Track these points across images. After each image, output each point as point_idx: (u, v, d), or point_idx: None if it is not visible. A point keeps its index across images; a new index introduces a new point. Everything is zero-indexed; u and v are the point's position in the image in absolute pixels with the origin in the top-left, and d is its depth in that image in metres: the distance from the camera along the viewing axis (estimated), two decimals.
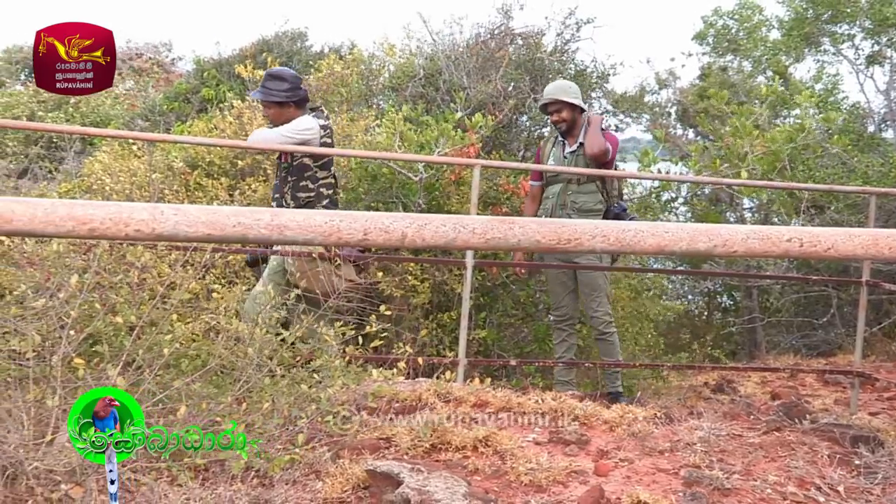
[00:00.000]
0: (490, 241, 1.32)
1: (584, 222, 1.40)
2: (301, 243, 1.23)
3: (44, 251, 4.02)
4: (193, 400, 3.55)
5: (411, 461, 3.29)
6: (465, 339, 5.44)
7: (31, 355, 3.42)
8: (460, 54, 8.46)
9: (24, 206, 1.07)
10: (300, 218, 1.20)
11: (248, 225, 1.17)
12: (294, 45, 11.80)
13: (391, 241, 1.27)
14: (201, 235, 1.16)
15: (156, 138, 7.92)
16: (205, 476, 3.38)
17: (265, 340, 3.84)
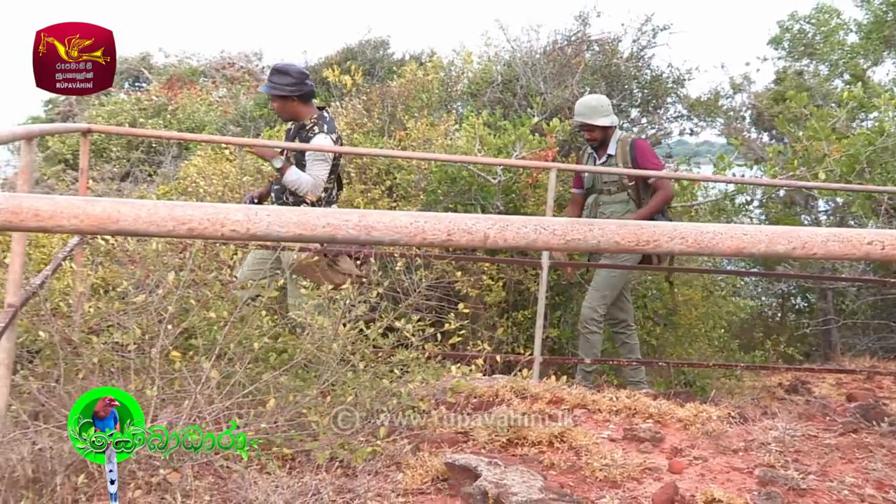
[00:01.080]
0: (570, 243, 1.30)
1: (664, 224, 1.37)
2: (388, 244, 1.23)
3: (144, 250, 4.12)
4: (281, 392, 3.60)
5: (488, 455, 3.28)
6: (540, 337, 5.42)
7: (132, 348, 3.51)
8: (537, 60, 8.42)
9: (129, 207, 1.10)
10: (386, 219, 1.21)
11: (336, 226, 1.18)
12: (377, 53, 11.89)
13: (474, 241, 1.26)
14: (292, 235, 1.17)
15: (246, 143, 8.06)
16: (291, 465, 3.42)
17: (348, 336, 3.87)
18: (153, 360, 3.46)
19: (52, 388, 3.43)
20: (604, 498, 3.07)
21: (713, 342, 7.28)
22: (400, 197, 6.94)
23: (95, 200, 1.10)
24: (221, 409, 3.42)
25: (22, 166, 3.13)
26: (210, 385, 3.40)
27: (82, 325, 3.74)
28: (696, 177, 7.62)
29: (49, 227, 1.09)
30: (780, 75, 12.03)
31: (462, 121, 7.66)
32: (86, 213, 1.09)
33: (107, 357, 3.61)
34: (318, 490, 3.07)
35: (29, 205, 1.07)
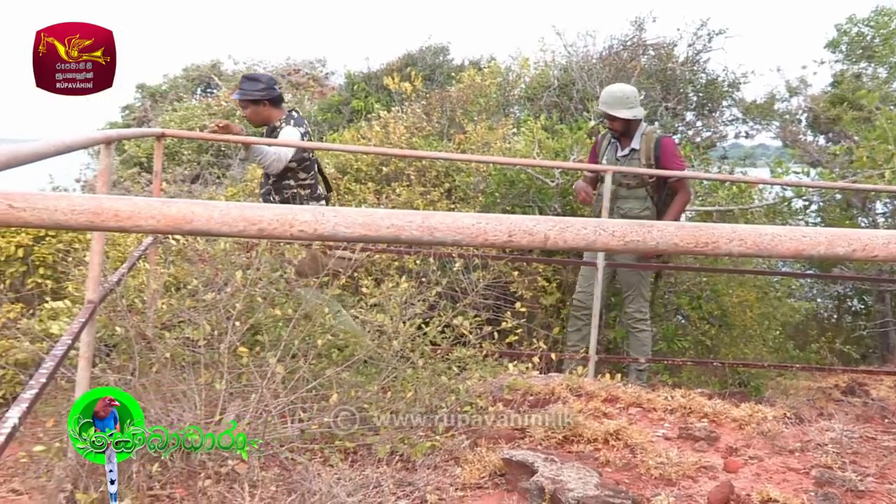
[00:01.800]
0: (629, 244, 1.29)
1: (723, 226, 1.35)
2: (450, 244, 1.23)
3: (213, 249, 4.18)
4: (343, 388, 3.63)
5: (545, 451, 3.26)
6: (595, 336, 5.37)
7: (202, 343, 3.57)
8: (593, 65, 8.35)
9: (202, 207, 1.11)
10: (449, 220, 1.20)
11: (400, 226, 1.18)
12: (436, 59, 11.91)
13: (534, 242, 1.25)
14: (358, 236, 1.18)
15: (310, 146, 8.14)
16: (353, 458, 3.45)
17: (408, 334, 3.88)
18: (222, 356, 3.51)
19: (127, 381, 3.51)
20: (659, 495, 3.04)
21: (768, 343, 7.14)
22: (459, 199, 6.94)
23: (171, 202, 1.12)
24: (286, 403, 3.46)
25: (101, 169, 3.20)
26: (275, 380, 3.44)
27: (156, 321, 3.81)
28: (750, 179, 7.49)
29: (128, 227, 1.12)
30: (838, 78, 11.73)
31: (519, 125, 7.63)
32: (162, 213, 1.11)
33: (178, 352, 3.68)
34: (379, 483, 3.08)
35: (109, 206, 1.10)
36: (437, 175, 7.01)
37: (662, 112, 8.25)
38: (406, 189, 6.82)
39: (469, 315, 4.27)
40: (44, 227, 1.13)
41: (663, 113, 8.25)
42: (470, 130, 7.55)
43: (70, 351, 2.86)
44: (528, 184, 6.65)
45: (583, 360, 5.19)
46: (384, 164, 7.25)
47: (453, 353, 4.08)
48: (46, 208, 1.08)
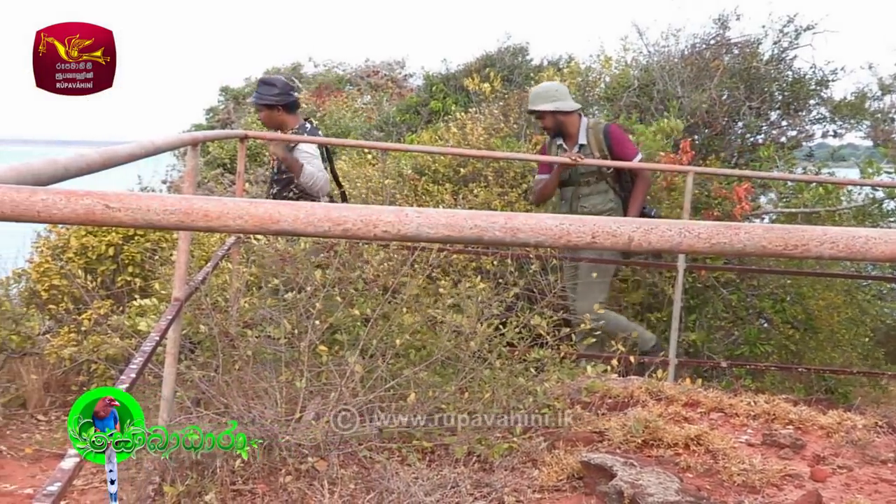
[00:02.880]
0: (715, 246, 1.26)
1: (813, 228, 1.31)
2: (533, 245, 1.22)
3: (293, 249, 4.25)
4: (421, 388, 3.65)
5: (624, 455, 3.22)
6: (675, 339, 5.29)
7: (283, 341, 3.63)
8: (674, 65, 8.21)
9: (288, 208, 1.13)
10: (532, 221, 1.20)
11: (483, 227, 1.18)
12: (515, 60, 11.87)
13: (617, 244, 1.24)
14: (441, 236, 1.18)
15: (389, 147, 8.22)
16: (431, 458, 3.46)
17: (486, 335, 3.88)
18: (302, 354, 3.57)
19: (211, 378, 3.59)
20: (742, 503, 2.97)
21: (857, 348, 6.91)
22: None
23: (258, 202, 1.14)
24: (364, 401, 3.50)
25: (187, 170, 3.28)
26: (354, 379, 3.48)
27: (238, 320, 3.89)
28: (804, 178, 7.27)
29: (216, 226, 1.14)
30: None
31: None
32: (249, 213, 1.13)
33: (260, 350, 3.75)
34: (457, 483, 3.09)
35: (199, 206, 1.12)
36: (514, 176, 6.98)
37: (745, 111, 8.06)
38: (484, 190, 6.82)
39: (547, 316, 4.25)
40: (137, 226, 1.16)
41: (746, 112, 8.06)
42: None
43: (157, 347, 2.94)
44: None
45: (663, 364, 5.11)
46: (462, 164, 7.26)
47: (531, 355, 4.07)
48: (140, 208, 1.12)
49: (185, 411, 3.40)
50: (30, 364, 4.26)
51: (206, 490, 2.99)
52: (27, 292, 4.65)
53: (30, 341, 4.30)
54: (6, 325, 4.29)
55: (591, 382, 4.21)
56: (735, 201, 6.51)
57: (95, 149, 1.65)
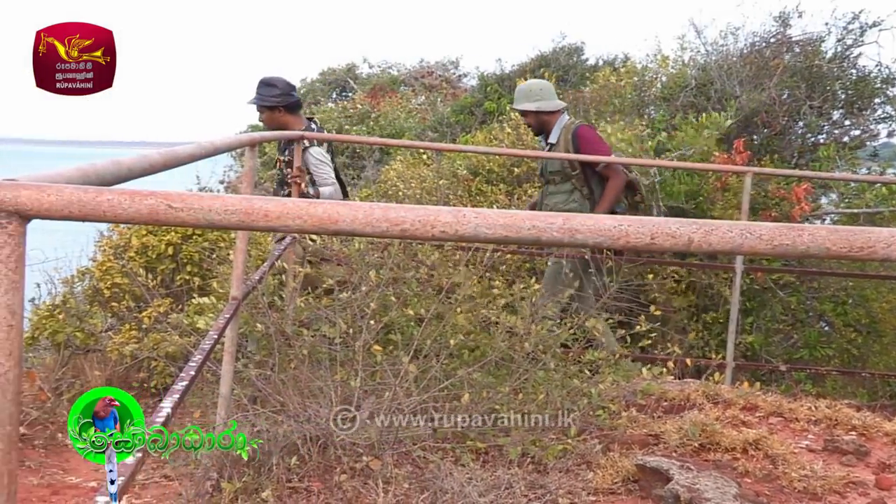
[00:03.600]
0: (777, 248, 1.24)
1: (879, 230, 1.28)
2: (591, 246, 1.22)
3: (347, 249, 4.28)
4: (475, 389, 3.64)
5: (680, 459, 3.19)
6: (732, 342, 5.21)
7: (338, 341, 3.66)
8: (733, 63, 8.08)
9: (347, 209, 1.14)
10: (590, 223, 1.19)
11: (541, 228, 1.17)
12: (570, 60, 11.81)
13: (677, 245, 1.22)
14: (499, 237, 1.18)
15: (443, 148, 8.24)
16: (484, 459, 3.46)
17: (540, 335, 3.87)
18: (357, 353, 3.59)
19: (267, 376, 3.63)
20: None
21: None
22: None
23: (317, 202, 1.15)
24: (418, 401, 3.50)
25: (245, 170, 3.33)
26: (408, 379, 3.49)
27: (294, 319, 3.93)
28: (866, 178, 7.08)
29: (276, 226, 1.15)
30: None
31: (654, 125, 7.48)
32: (309, 214, 1.14)
33: (315, 349, 3.79)
34: (511, 484, 3.08)
35: (260, 206, 1.14)
36: None
37: (806, 111, 7.90)
38: (538, 190, 6.79)
39: (601, 317, 4.22)
40: (199, 226, 1.18)
41: (807, 112, 7.90)
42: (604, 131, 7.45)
43: (215, 345, 2.99)
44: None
45: (720, 367, 5.03)
46: (516, 165, 7.25)
47: (585, 356, 4.04)
48: (202, 208, 1.13)
49: (242, 409, 3.45)
50: (93, 360, 4.36)
51: (263, 487, 3.03)
52: (90, 290, 4.76)
53: (93, 338, 4.40)
54: (71, 322, 4.40)
55: (646, 385, 4.17)
56: (794, 202, 6.40)
57: (157, 150, 1.68)
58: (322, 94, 15.97)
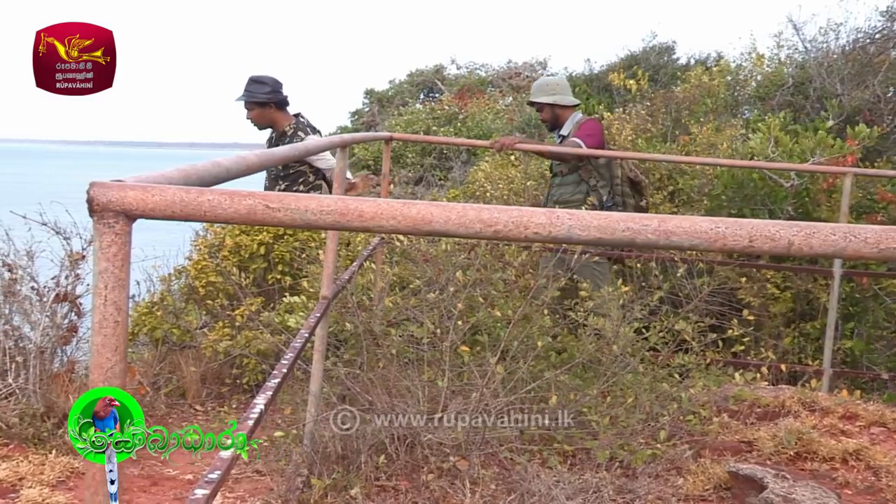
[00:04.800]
0: (884, 252, 1.19)
1: None
2: (686, 248, 1.20)
3: (434, 249, 4.30)
4: (562, 391, 3.62)
5: (775, 467, 3.10)
6: (830, 348, 5.05)
7: (426, 341, 3.69)
8: (833, 61, 7.82)
9: (441, 209, 1.14)
10: (686, 224, 1.17)
11: (636, 230, 1.16)
12: (661, 59, 11.63)
13: (776, 248, 1.19)
14: (592, 238, 1.17)
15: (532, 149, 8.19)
16: (572, 462, 3.44)
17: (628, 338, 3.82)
18: (444, 354, 3.61)
19: (356, 375, 3.68)
20: None
21: None
22: (682, 202, 6.74)
23: (412, 203, 1.16)
24: (505, 403, 3.50)
25: (336, 171, 3.37)
26: (495, 380, 3.49)
27: (382, 318, 3.97)
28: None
29: (371, 227, 1.17)
30: None
31: (748, 125, 7.30)
32: (403, 214, 1.15)
33: (403, 349, 3.82)
34: (599, 488, 3.05)
35: (354, 207, 1.15)
36: (660, 178, 6.84)
37: None
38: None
39: (692, 321, 4.14)
40: (295, 226, 1.21)
41: None
42: (695, 132, 7.31)
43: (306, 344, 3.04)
44: (760, 185, 6.34)
45: (816, 373, 4.88)
46: None
47: (675, 360, 3.97)
48: (298, 209, 1.16)
49: (331, 407, 3.50)
50: (188, 356, 4.49)
51: (352, 484, 3.07)
52: (186, 288, 4.90)
53: (188, 335, 4.52)
54: (168, 318, 4.54)
55: (738, 390, 4.08)
56: None
57: (254, 151, 1.72)
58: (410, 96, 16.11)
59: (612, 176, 5.50)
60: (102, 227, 1.13)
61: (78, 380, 3.94)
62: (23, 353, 3.85)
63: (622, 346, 3.78)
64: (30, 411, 3.67)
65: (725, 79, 8.41)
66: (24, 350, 3.87)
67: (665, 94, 8.46)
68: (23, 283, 4.02)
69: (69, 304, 4.13)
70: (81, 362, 4.13)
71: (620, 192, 5.51)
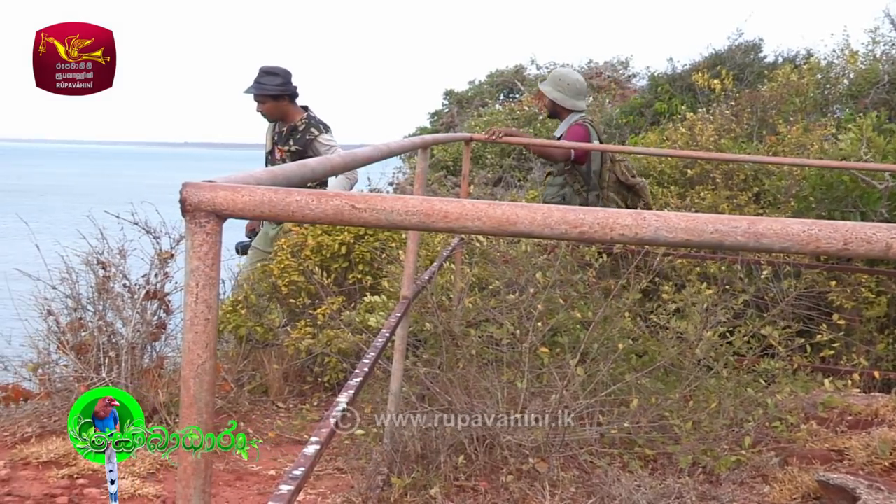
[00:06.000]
0: None
1: None
2: (777, 251, 1.17)
3: (514, 250, 4.29)
4: (643, 394, 3.58)
5: (868, 477, 3.00)
6: None
7: (505, 342, 3.68)
8: None
9: (526, 210, 1.14)
10: (777, 226, 1.14)
11: (725, 232, 1.13)
12: (746, 58, 11.36)
13: (873, 251, 1.15)
14: (679, 241, 1.15)
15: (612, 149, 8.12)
16: (653, 466, 3.39)
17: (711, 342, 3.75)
18: (523, 355, 3.60)
19: (435, 375, 3.70)
20: None
21: None
22: (768, 203, 6.58)
23: (497, 204, 1.16)
24: (585, 405, 3.47)
25: (418, 172, 3.39)
26: (575, 382, 3.46)
27: (462, 319, 3.98)
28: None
29: (455, 227, 1.17)
30: None
31: (840, 124, 7.08)
32: (488, 215, 1.15)
33: (482, 349, 3.82)
34: (681, 494, 3.00)
35: (439, 207, 1.16)
36: (745, 179, 6.70)
37: None
38: (711, 193, 6.59)
39: (778, 325, 4.04)
40: (380, 226, 1.22)
41: None
42: (783, 132, 7.13)
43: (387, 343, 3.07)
44: (851, 187, 6.14)
45: None
46: (689, 166, 7.06)
47: (760, 365, 3.88)
48: (384, 209, 1.16)
49: (411, 406, 3.53)
50: (271, 354, 4.57)
51: (431, 484, 3.09)
52: (269, 287, 4.99)
53: (271, 333, 4.61)
54: (252, 317, 4.63)
55: (828, 397, 3.96)
56: None
57: (340, 153, 1.74)
58: (490, 97, 16.08)
59: (601, 179, 5.52)
60: (194, 227, 1.15)
61: (167, 375, 4.06)
62: (115, 349, 3.99)
63: (705, 350, 3.71)
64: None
65: (815, 77, 8.17)
66: (116, 346, 4.01)
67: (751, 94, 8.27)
68: (115, 280, 4.16)
69: (158, 301, 4.25)
70: (170, 358, 4.25)
71: (605, 196, 5.50)
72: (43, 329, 4.10)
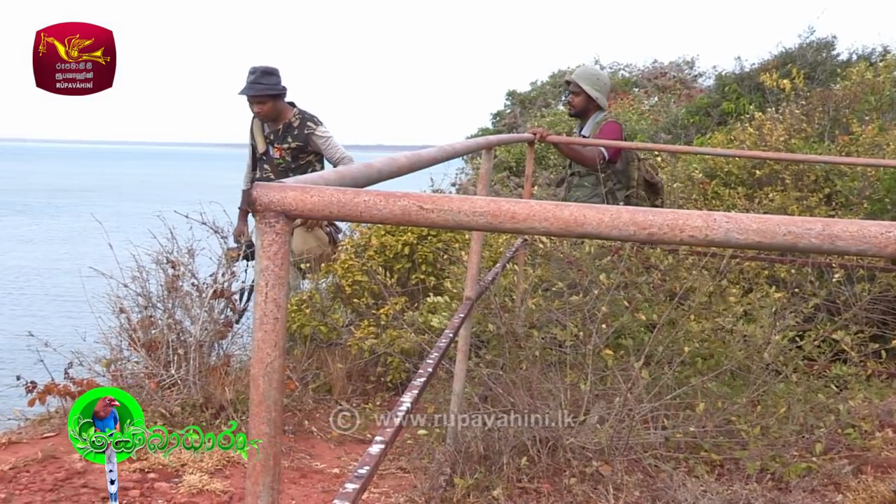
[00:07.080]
0: None
1: None
2: (853, 254, 1.14)
3: (578, 252, 4.26)
4: (709, 398, 3.53)
5: None
6: None
7: (568, 344, 3.66)
8: None
9: (593, 211, 1.13)
10: (853, 228, 1.11)
11: (798, 234, 1.11)
12: (818, 56, 11.09)
13: None
14: (751, 243, 1.13)
15: (678, 149, 8.02)
16: (720, 472, 3.33)
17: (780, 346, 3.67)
18: (587, 357, 3.57)
19: (498, 376, 3.70)
20: None
21: None
22: (839, 205, 6.42)
23: (564, 205, 1.15)
24: (650, 408, 3.44)
25: (482, 173, 3.40)
26: (639, 385, 3.43)
27: (525, 320, 3.96)
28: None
29: (522, 228, 1.17)
30: None
31: None
32: (555, 216, 1.15)
33: (545, 351, 3.81)
34: (749, 500, 2.95)
35: (507, 208, 1.16)
36: (815, 180, 6.54)
37: None
38: (780, 194, 6.45)
39: (851, 330, 3.94)
40: (447, 227, 1.22)
41: None
42: (857, 131, 6.95)
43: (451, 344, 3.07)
44: None
45: None
46: (757, 167, 6.92)
47: (831, 370, 3.79)
48: (451, 210, 1.17)
49: (473, 407, 3.53)
50: (335, 353, 4.62)
51: (494, 485, 3.09)
52: (333, 287, 5.04)
53: (335, 332, 4.66)
54: (316, 316, 4.69)
55: None
56: None
57: (404, 153, 1.75)
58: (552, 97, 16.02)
59: (630, 178, 5.42)
60: (264, 227, 1.17)
61: (233, 373, 4.13)
62: (184, 346, 4.07)
63: (774, 355, 3.63)
64: (190, 401, 3.88)
65: (892, 75, 7.95)
66: (184, 343, 4.09)
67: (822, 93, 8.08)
68: (184, 279, 4.25)
69: (225, 300, 4.33)
70: (236, 356, 4.33)
71: (636, 195, 5.41)
72: (115, 326, 4.20)
